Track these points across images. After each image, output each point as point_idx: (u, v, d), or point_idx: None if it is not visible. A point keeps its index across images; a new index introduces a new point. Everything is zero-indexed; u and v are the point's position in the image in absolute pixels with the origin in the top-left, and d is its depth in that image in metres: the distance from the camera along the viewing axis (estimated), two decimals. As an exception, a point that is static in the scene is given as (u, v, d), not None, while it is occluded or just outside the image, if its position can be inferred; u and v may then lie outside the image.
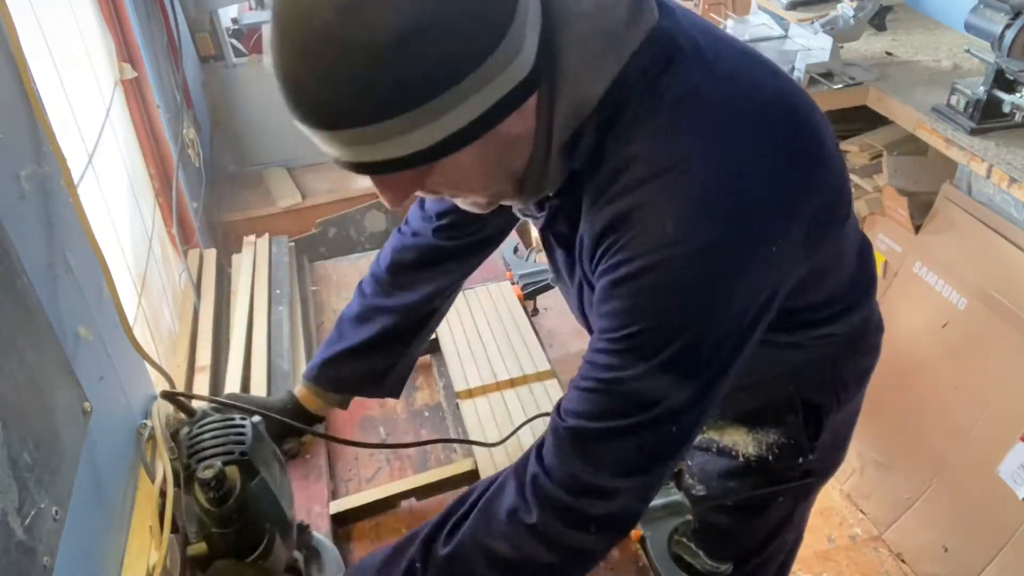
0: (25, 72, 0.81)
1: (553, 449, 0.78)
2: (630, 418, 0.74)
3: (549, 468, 0.77)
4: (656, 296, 0.70)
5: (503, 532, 0.79)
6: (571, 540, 0.78)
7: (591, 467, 0.76)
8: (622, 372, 0.72)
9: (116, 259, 1.29)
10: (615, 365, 0.73)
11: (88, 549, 0.80)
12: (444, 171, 0.69)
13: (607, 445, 0.75)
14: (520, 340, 1.42)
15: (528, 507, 0.78)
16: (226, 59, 2.22)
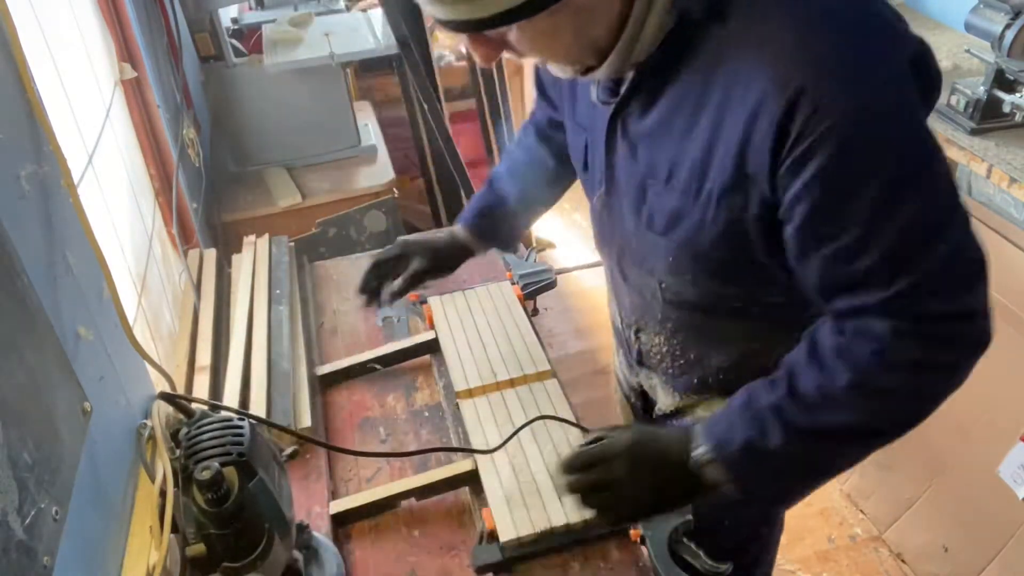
0: (25, 72, 0.81)
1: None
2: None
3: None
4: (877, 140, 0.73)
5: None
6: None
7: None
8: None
9: (116, 259, 1.29)
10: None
11: (88, 549, 0.80)
12: (524, 33, 0.77)
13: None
14: (520, 340, 1.41)
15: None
16: (226, 59, 2.22)
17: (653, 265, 0.99)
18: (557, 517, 1.09)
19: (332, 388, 1.43)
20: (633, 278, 1.06)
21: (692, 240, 0.90)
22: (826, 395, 0.82)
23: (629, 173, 0.93)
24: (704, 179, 0.84)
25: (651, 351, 1.15)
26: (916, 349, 0.82)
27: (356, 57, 2.33)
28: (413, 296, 1.55)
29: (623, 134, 0.92)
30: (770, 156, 0.76)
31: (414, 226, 2.84)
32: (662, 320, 1.08)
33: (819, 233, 0.78)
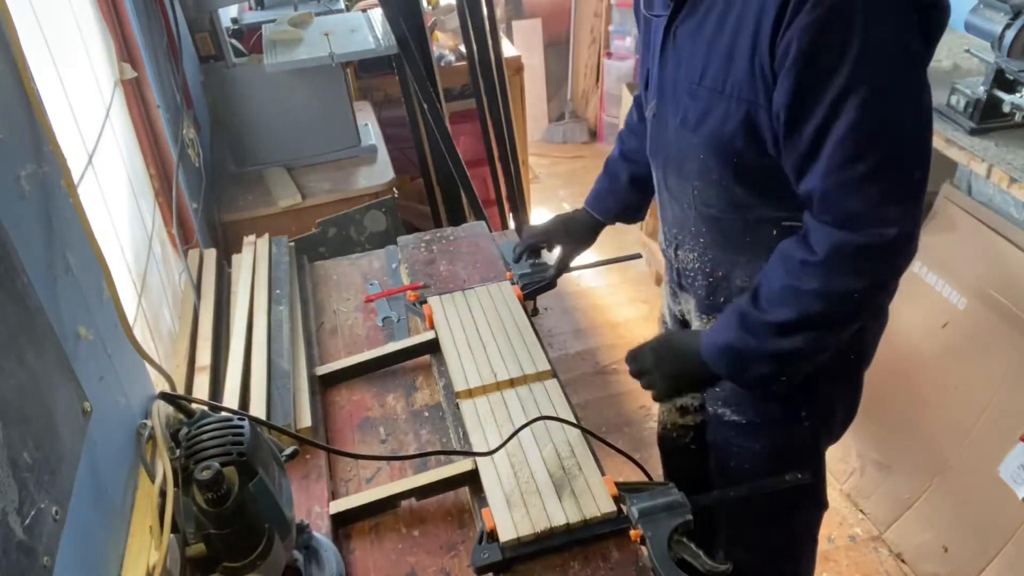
0: (25, 72, 0.81)
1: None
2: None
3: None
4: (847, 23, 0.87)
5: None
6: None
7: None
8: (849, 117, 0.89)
9: (116, 259, 1.29)
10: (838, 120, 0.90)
11: (88, 549, 0.80)
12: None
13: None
14: (520, 340, 1.41)
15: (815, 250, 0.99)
16: (226, 59, 2.22)
17: (689, 168, 1.15)
18: (557, 517, 1.09)
19: (332, 388, 1.44)
20: (673, 187, 1.24)
21: (717, 133, 1.05)
22: (772, 296, 1.05)
23: (675, 79, 1.10)
24: (727, 76, 0.99)
25: (687, 269, 1.31)
26: (843, 257, 0.98)
27: (356, 57, 2.33)
28: (413, 296, 1.56)
29: (674, 44, 1.08)
30: (769, 42, 0.91)
31: (414, 226, 2.84)
32: (695, 234, 1.25)
33: (796, 113, 0.93)
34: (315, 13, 2.56)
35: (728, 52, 0.98)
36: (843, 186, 0.93)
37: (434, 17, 3.11)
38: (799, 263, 1.01)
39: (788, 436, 1.32)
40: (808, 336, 1.05)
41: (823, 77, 0.89)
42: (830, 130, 0.91)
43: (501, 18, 4.03)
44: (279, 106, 2.29)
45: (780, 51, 0.91)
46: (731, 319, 1.11)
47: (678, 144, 1.15)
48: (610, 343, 2.94)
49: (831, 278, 0.99)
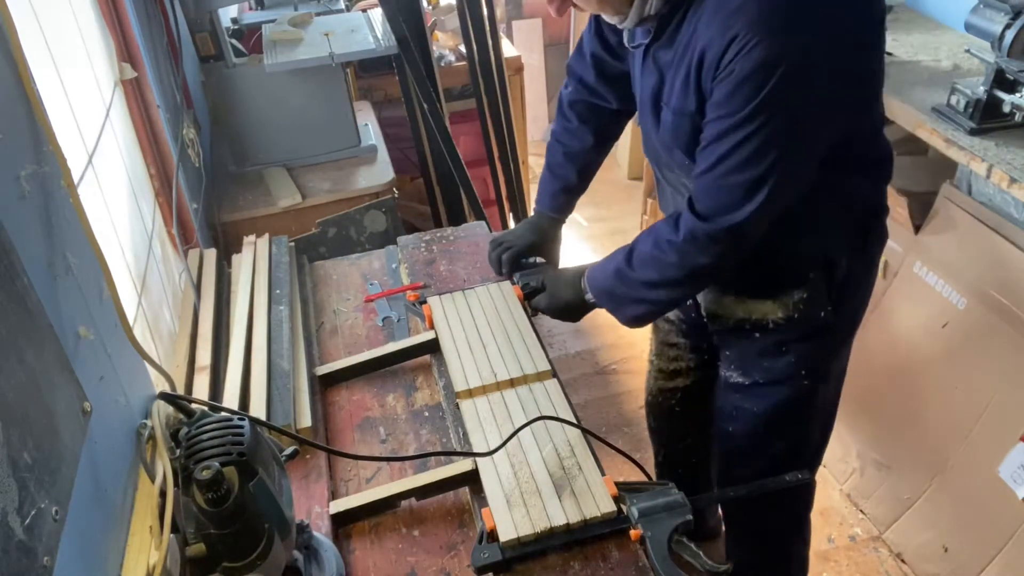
0: (25, 72, 0.81)
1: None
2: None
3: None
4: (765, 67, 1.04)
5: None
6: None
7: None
8: (740, 138, 1.09)
9: (116, 259, 1.29)
10: (734, 138, 1.10)
11: (88, 549, 0.80)
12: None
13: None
14: (520, 340, 1.41)
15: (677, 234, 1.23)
16: (226, 59, 2.22)
17: (677, 167, 1.31)
18: (557, 517, 1.09)
19: (332, 388, 1.44)
20: (671, 180, 1.39)
21: (690, 144, 1.21)
22: (643, 257, 1.29)
23: (655, 96, 1.26)
24: (685, 101, 1.17)
25: None
26: (696, 240, 1.20)
27: (356, 57, 2.33)
28: (413, 296, 1.56)
29: (653, 64, 1.23)
30: (712, 74, 1.09)
31: (414, 226, 2.84)
32: None
33: (709, 122, 1.13)
34: (315, 13, 2.56)
35: (684, 82, 1.16)
36: (717, 187, 1.15)
37: (434, 17, 3.11)
38: (665, 241, 1.24)
39: (785, 396, 1.45)
40: (670, 290, 1.31)
41: (736, 106, 1.08)
42: (721, 142, 1.11)
43: (501, 18, 4.03)
44: (279, 106, 2.29)
45: (714, 86, 1.10)
46: (610, 270, 1.35)
47: (663, 149, 1.31)
48: (610, 343, 2.94)
49: (685, 256, 1.23)
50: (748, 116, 1.07)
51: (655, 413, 1.94)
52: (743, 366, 1.48)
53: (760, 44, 1.02)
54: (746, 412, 1.50)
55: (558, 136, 1.60)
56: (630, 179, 4.01)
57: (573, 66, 1.55)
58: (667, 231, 1.25)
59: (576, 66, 1.54)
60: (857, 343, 1.51)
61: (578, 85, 1.54)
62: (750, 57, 1.03)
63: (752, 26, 1.02)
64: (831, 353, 1.46)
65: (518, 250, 1.60)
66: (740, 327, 1.44)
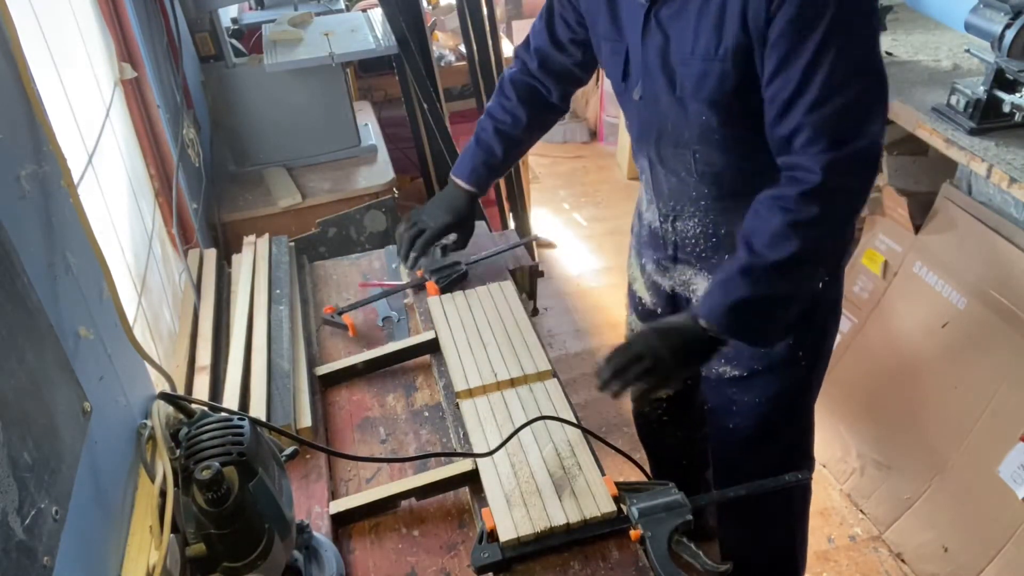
0: (25, 72, 0.81)
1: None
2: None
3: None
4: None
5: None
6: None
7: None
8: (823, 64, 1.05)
9: (116, 259, 1.29)
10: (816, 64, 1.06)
11: (88, 549, 0.80)
12: None
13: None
14: (520, 340, 1.41)
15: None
16: (226, 59, 2.22)
17: (688, 135, 1.26)
18: (557, 517, 1.09)
19: (332, 388, 1.44)
20: (670, 159, 1.32)
21: (717, 92, 1.17)
22: (772, 238, 1.13)
23: (663, 56, 1.20)
24: (720, 42, 1.12)
25: (687, 239, 1.41)
26: (839, 172, 1.10)
27: (356, 57, 2.33)
28: (419, 272, 1.61)
29: (656, 23, 1.19)
30: (765, 7, 1.05)
31: (414, 226, 2.84)
32: (696, 198, 1.34)
33: (787, 55, 1.07)
34: (315, 13, 2.56)
35: (717, 23, 1.11)
36: (836, 112, 1.07)
37: (434, 17, 3.11)
38: (796, 196, 1.11)
39: (786, 381, 1.43)
40: (812, 265, 1.17)
41: (809, 24, 1.04)
42: (819, 65, 1.05)
43: (501, 18, 4.02)
44: (279, 106, 2.29)
45: (774, 12, 1.06)
46: (730, 277, 1.16)
47: (675, 114, 1.25)
48: (610, 343, 2.94)
49: (832, 195, 1.11)
50: (833, 21, 1.03)
51: (642, 425, 1.92)
52: (738, 356, 1.43)
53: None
54: (747, 405, 1.47)
55: (492, 111, 1.56)
56: (629, 179, 4.01)
57: (519, 50, 1.54)
58: (789, 187, 1.13)
59: (521, 51, 1.54)
60: (857, 343, 1.51)
61: (522, 65, 1.53)
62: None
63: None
64: (825, 330, 1.44)
65: (433, 233, 1.54)
66: None
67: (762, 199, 1.16)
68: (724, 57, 1.13)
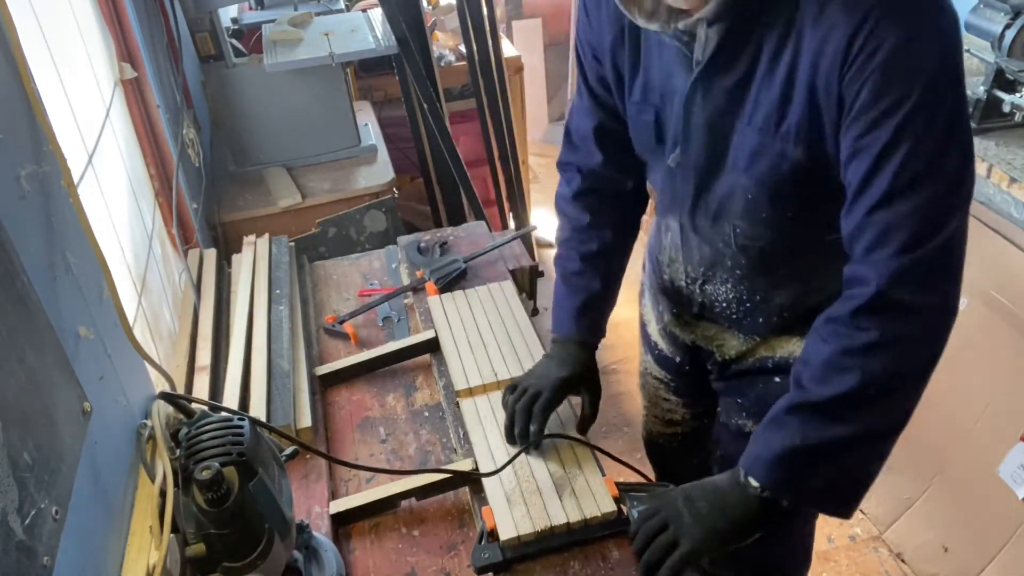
0: (25, 72, 0.81)
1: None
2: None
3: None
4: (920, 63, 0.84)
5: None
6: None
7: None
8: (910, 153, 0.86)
9: (116, 259, 1.29)
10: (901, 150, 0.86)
11: (88, 549, 0.80)
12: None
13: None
14: (520, 340, 1.41)
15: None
16: (226, 59, 2.22)
17: (729, 209, 1.09)
18: (557, 516, 1.09)
19: (332, 388, 1.44)
20: (704, 230, 1.15)
21: (772, 173, 1.00)
22: (823, 370, 0.94)
23: (711, 124, 1.03)
24: (783, 116, 0.95)
25: (716, 301, 1.23)
26: (890, 291, 0.90)
27: (356, 57, 2.33)
28: (420, 273, 1.60)
29: (704, 93, 1.01)
30: (838, 74, 0.87)
31: (414, 226, 2.84)
32: (731, 267, 1.17)
33: (855, 144, 0.89)
34: (315, 13, 2.56)
35: (782, 93, 0.94)
36: (905, 212, 0.88)
37: (434, 17, 3.11)
38: (848, 316, 0.92)
39: None
40: (880, 401, 0.93)
41: (893, 99, 0.86)
42: (893, 153, 0.87)
43: (501, 18, 4.03)
44: (279, 106, 2.29)
45: (847, 90, 0.88)
46: (776, 419, 0.96)
47: (717, 187, 1.08)
48: (610, 343, 2.93)
49: (894, 312, 0.91)
50: (916, 107, 0.84)
51: (654, 451, 1.71)
52: (759, 412, 1.18)
53: (903, 14, 0.84)
54: None
55: (568, 239, 1.29)
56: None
57: (566, 159, 1.29)
58: (842, 306, 0.93)
59: (569, 157, 1.28)
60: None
61: (577, 176, 1.27)
62: (895, 31, 0.83)
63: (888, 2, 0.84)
64: None
65: (549, 398, 1.18)
66: (759, 370, 1.24)
67: (818, 322, 0.98)
68: (786, 136, 0.96)
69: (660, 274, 1.35)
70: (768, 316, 1.20)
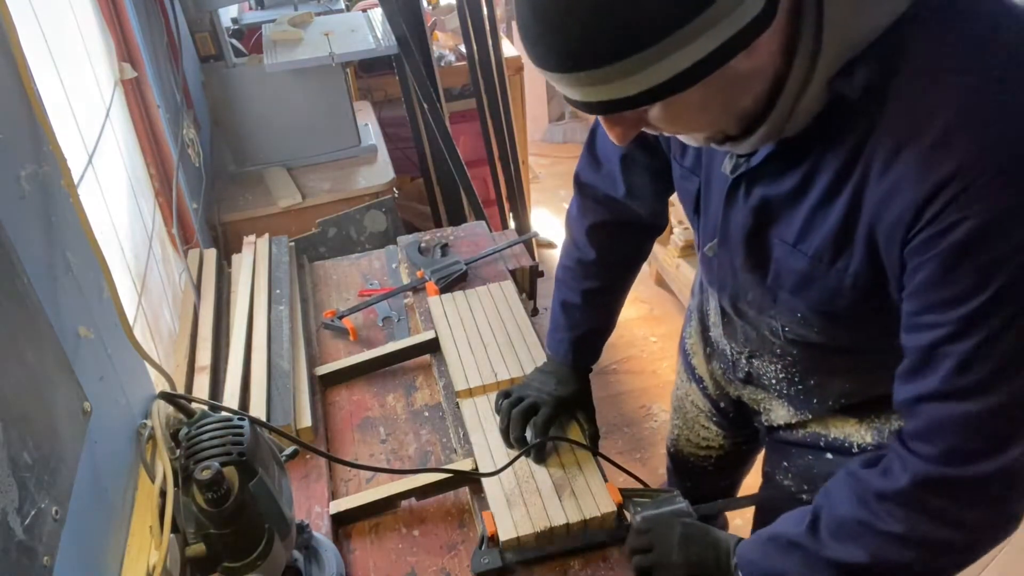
0: (25, 72, 0.81)
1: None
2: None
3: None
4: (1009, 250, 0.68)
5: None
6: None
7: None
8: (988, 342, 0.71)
9: (116, 259, 1.29)
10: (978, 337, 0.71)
11: (88, 549, 0.80)
12: (669, 108, 0.72)
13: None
14: (520, 340, 1.41)
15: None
16: (226, 59, 2.22)
17: (776, 312, 0.97)
18: (557, 517, 1.09)
19: (332, 388, 1.44)
20: (750, 318, 1.04)
21: (824, 301, 0.87)
22: (840, 528, 0.86)
23: (748, 233, 0.91)
24: (839, 253, 0.81)
25: (765, 375, 1.12)
26: (921, 497, 0.79)
27: (356, 57, 2.33)
28: (420, 273, 1.61)
29: (746, 193, 0.88)
30: (902, 237, 0.73)
31: (414, 226, 2.84)
32: (781, 354, 1.06)
33: (918, 312, 0.76)
34: (315, 13, 2.56)
35: (839, 229, 0.79)
36: (972, 413, 0.74)
37: (434, 17, 3.11)
38: (875, 494, 0.82)
39: None
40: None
41: (964, 295, 0.71)
42: (949, 347, 0.73)
43: (501, 18, 4.03)
44: (279, 106, 2.29)
45: (911, 256, 0.74)
46: (781, 541, 0.92)
47: (762, 294, 0.96)
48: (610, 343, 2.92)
49: (919, 517, 0.80)
50: (986, 304, 0.70)
51: (682, 468, 1.57)
52: (804, 482, 1.16)
53: (990, 190, 0.66)
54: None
55: (572, 269, 1.25)
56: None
57: (587, 180, 1.19)
58: (875, 477, 0.83)
59: (590, 178, 1.18)
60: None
61: (594, 204, 1.19)
62: (979, 212, 0.67)
63: (974, 165, 0.66)
64: None
65: (549, 413, 1.20)
66: (809, 444, 1.13)
67: (850, 469, 0.88)
68: (842, 273, 0.82)
69: (707, 327, 1.24)
70: (823, 399, 1.08)
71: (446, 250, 1.70)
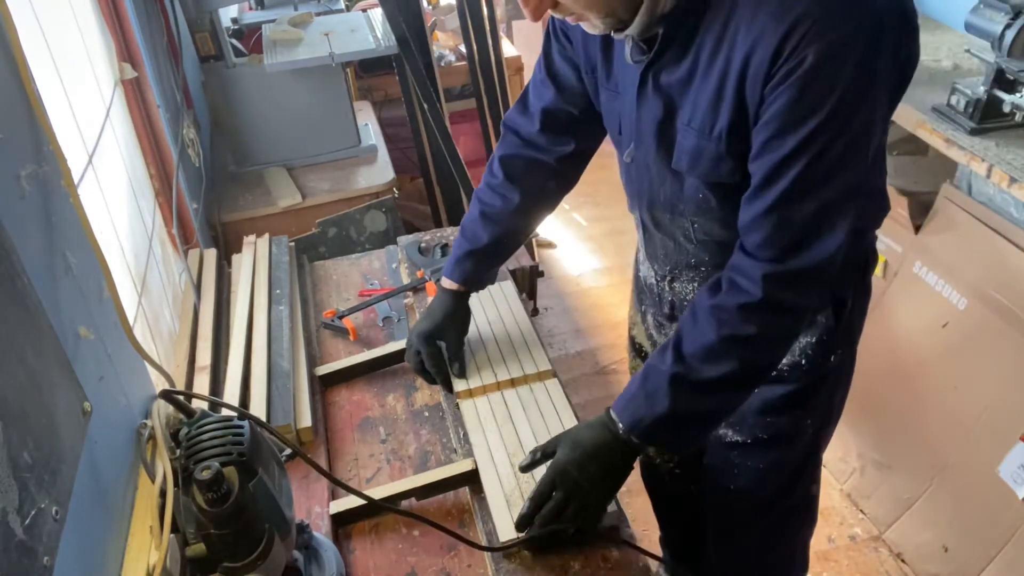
0: (25, 72, 0.81)
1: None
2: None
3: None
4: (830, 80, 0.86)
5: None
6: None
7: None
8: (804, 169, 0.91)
9: (116, 259, 1.29)
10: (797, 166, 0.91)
11: (88, 549, 0.80)
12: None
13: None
14: (520, 340, 1.41)
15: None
16: (226, 59, 2.22)
17: (684, 207, 1.11)
18: (557, 517, 1.09)
19: (332, 388, 1.44)
20: (665, 224, 1.18)
21: (713, 173, 1.03)
22: (706, 352, 1.00)
23: (658, 122, 1.04)
24: (716, 118, 0.97)
25: (685, 300, 1.26)
26: (772, 295, 0.97)
27: (356, 57, 2.33)
28: (420, 273, 1.61)
29: (654, 87, 1.02)
30: (763, 78, 0.89)
31: (414, 226, 2.84)
32: (695, 264, 1.20)
33: (763, 146, 0.93)
34: (315, 13, 2.56)
35: (715, 95, 0.95)
36: (796, 218, 0.94)
37: (434, 17, 3.11)
38: (736, 310, 0.98)
39: (793, 449, 1.29)
40: (752, 381, 1.06)
41: (801, 114, 0.89)
42: (795, 161, 0.91)
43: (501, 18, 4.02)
44: (279, 106, 2.29)
45: (769, 94, 0.91)
46: (657, 388, 1.03)
47: (670, 185, 1.10)
48: (610, 343, 2.93)
49: (773, 314, 0.98)
50: (825, 122, 0.88)
51: (650, 475, 1.69)
52: (739, 423, 1.28)
53: (833, 21, 0.84)
54: (748, 469, 1.31)
55: (478, 194, 1.36)
56: (630, 179, 4.01)
57: (510, 119, 1.32)
58: (729, 299, 0.99)
59: (514, 120, 1.32)
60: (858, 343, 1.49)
61: (514, 138, 1.31)
62: (818, 46, 0.84)
63: (820, 2, 0.84)
64: (837, 396, 1.30)
65: (423, 351, 1.33)
66: None
67: (700, 303, 1.03)
68: (719, 138, 0.98)
69: (637, 272, 1.42)
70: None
71: (446, 250, 1.70)
